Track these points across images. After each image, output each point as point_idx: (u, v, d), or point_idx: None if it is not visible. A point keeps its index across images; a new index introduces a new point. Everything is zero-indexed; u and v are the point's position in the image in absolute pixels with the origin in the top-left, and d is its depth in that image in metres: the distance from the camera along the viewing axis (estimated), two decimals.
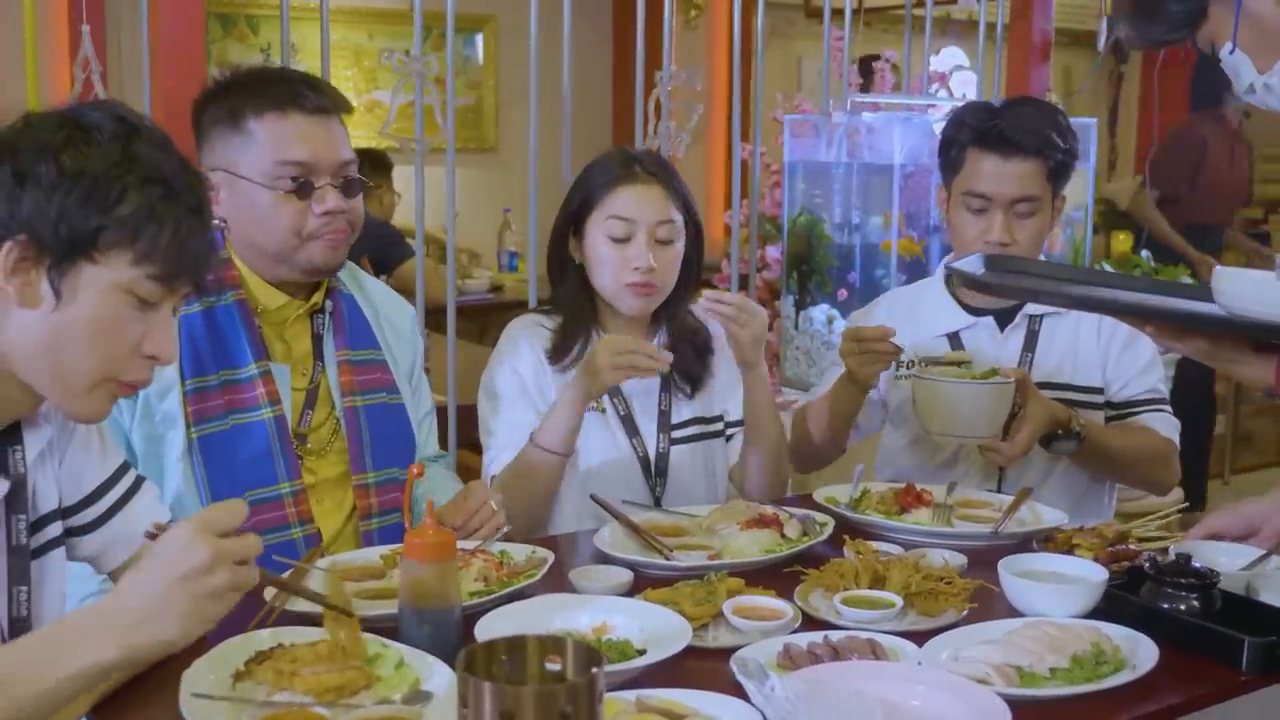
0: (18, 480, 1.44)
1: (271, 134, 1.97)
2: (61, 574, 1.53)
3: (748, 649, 1.57)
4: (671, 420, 2.35)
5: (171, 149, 1.41)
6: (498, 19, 6.66)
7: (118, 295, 1.36)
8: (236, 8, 6.04)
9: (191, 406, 1.95)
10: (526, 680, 1.17)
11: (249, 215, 1.99)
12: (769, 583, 1.83)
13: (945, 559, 1.93)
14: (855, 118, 3.47)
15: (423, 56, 2.87)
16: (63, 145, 1.34)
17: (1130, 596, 1.73)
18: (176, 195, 1.37)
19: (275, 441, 1.99)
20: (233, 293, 2.02)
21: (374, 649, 1.53)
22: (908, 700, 1.44)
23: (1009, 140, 2.37)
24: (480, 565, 1.82)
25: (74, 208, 1.32)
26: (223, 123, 1.99)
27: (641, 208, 2.26)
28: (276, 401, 2.00)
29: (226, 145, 1.99)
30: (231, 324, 2.00)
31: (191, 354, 1.97)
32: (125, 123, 1.38)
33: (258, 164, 1.97)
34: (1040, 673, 1.52)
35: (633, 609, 1.70)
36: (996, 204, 2.39)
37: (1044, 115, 2.44)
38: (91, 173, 1.33)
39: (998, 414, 2.25)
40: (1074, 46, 7.12)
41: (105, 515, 1.60)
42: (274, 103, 1.97)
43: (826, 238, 3.49)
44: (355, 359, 2.11)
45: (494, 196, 6.35)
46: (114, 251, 1.34)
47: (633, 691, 1.44)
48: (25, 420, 1.46)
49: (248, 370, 2.00)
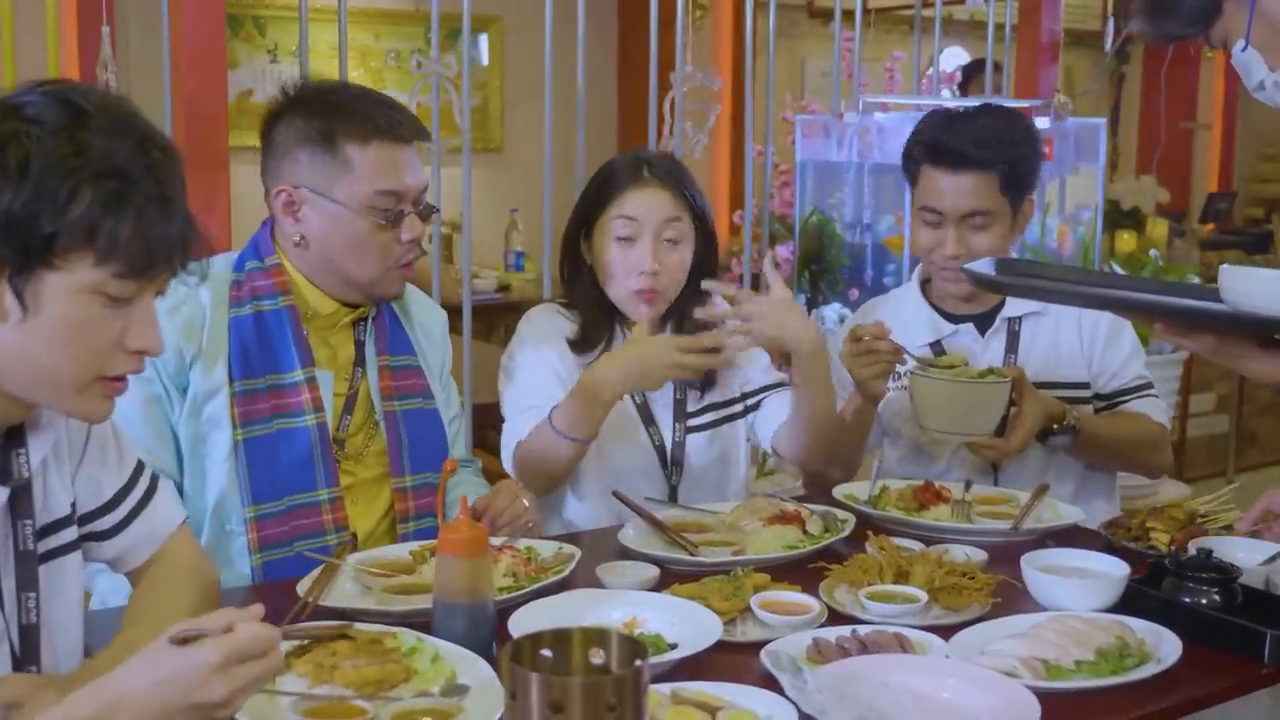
0: (21, 485, 1.39)
1: (371, 163, 1.97)
2: (77, 579, 1.50)
3: (777, 643, 1.59)
4: (687, 409, 2.37)
5: (127, 129, 1.30)
6: (503, 20, 6.68)
7: (86, 298, 1.28)
8: (244, 8, 6.05)
9: (239, 409, 1.96)
10: (572, 672, 1.19)
11: (338, 240, 1.99)
12: (793, 578, 1.85)
13: (967, 554, 1.95)
14: (867, 118, 3.49)
15: (440, 58, 2.88)
16: (5, 141, 1.24)
17: (1152, 591, 1.76)
18: (134, 184, 1.27)
19: (317, 448, 2.00)
20: (283, 297, 2.02)
21: (410, 643, 1.55)
22: (938, 693, 1.47)
23: (958, 154, 2.37)
24: (508, 561, 1.84)
25: (22, 215, 1.23)
26: (315, 144, 1.97)
27: (647, 209, 2.28)
28: (320, 408, 2.01)
29: (318, 167, 1.98)
30: (280, 329, 2.01)
31: (241, 356, 1.98)
32: (71, 107, 1.27)
33: (356, 192, 1.97)
34: (1066, 666, 1.55)
35: (662, 604, 1.72)
36: (948, 218, 2.40)
37: (1002, 125, 2.43)
38: (37, 173, 1.23)
39: (995, 411, 2.27)
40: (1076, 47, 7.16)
41: (125, 520, 1.59)
42: (374, 131, 1.97)
43: (838, 237, 3.51)
44: (394, 364, 2.12)
45: (500, 196, 6.37)
46: (73, 255, 1.25)
47: (667, 685, 1.46)
48: (29, 423, 1.41)
49: (294, 376, 2.00)
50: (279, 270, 2.04)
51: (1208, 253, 6.59)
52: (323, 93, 2.04)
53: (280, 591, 1.77)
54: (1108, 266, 4.36)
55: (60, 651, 1.45)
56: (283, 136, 2.01)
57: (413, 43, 6.59)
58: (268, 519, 1.96)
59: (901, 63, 4.07)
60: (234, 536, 1.97)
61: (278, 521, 1.97)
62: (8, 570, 1.38)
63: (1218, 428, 6.01)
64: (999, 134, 2.40)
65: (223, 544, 1.97)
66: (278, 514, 1.97)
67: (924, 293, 2.57)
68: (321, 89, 2.06)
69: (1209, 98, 8.93)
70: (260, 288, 2.02)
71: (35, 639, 1.40)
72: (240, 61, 6.10)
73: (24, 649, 1.39)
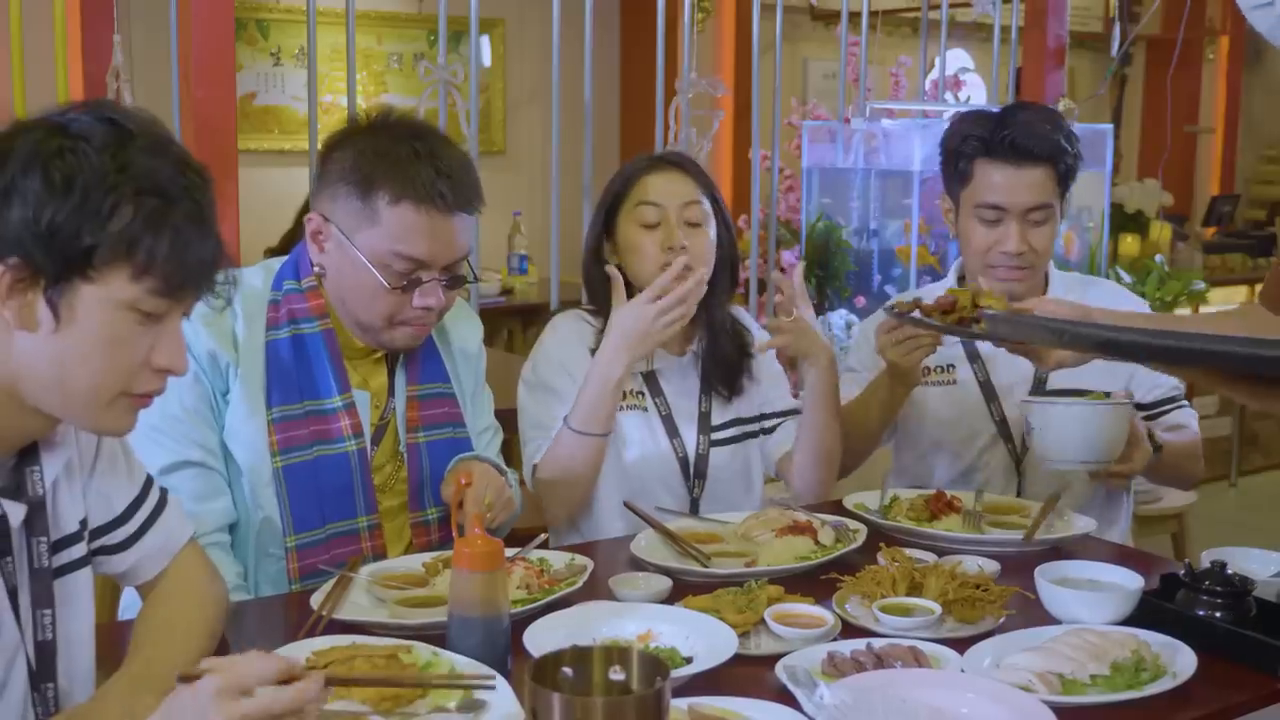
0: (36, 502, 1.40)
1: (397, 224, 1.91)
2: (88, 593, 1.50)
3: (792, 656, 1.59)
4: (711, 422, 2.37)
5: (168, 150, 1.32)
6: (506, 23, 6.69)
7: (120, 312, 1.30)
8: (247, 11, 6.05)
9: (277, 435, 1.93)
10: (592, 690, 1.19)
11: (349, 283, 1.96)
12: (805, 589, 1.85)
13: (980, 566, 1.95)
14: (874, 124, 3.49)
15: (448, 66, 2.88)
16: (51, 157, 1.26)
17: (1166, 604, 1.75)
18: (173, 204, 1.29)
19: (356, 474, 1.98)
20: (320, 321, 1.99)
21: (425, 657, 1.55)
22: (956, 708, 1.46)
23: (1020, 149, 2.37)
24: (521, 573, 1.84)
25: (64, 226, 1.25)
26: (351, 184, 1.93)
27: (667, 191, 2.29)
28: (359, 434, 1.99)
29: (348, 209, 1.94)
30: (319, 353, 1.98)
31: (280, 380, 1.95)
32: (117, 127, 1.30)
33: (374, 246, 1.92)
34: (1081, 680, 1.54)
35: (676, 617, 1.72)
36: (1011, 214, 2.38)
37: (1048, 120, 2.43)
38: (81, 187, 1.25)
39: (1124, 435, 2.16)
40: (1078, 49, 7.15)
41: (137, 533, 1.59)
42: (411, 194, 1.90)
43: (845, 243, 3.51)
44: (422, 394, 2.08)
45: (503, 199, 6.36)
46: (110, 269, 1.27)
47: (684, 700, 1.45)
48: (43, 442, 1.42)
49: (333, 401, 1.98)
50: (316, 293, 2.01)
51: (1211, 256, 6.60)
52: (387, 136, 1.95)
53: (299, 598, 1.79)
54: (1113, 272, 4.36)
55: (73, 667, 1.44)
56: (333, 165, 1.96)
57: (415, 46, 6.60)
58: (308, 548, 1.94)
59: (907, 68, 4.06)
60: (274, 560, 1.96)
61: (319, 550, 1.95)
62: (24, 587, 1.38)
63: (1220, 430, 6.02)
64: (1051, 129, 2.39)
65: (264, 565, 1.97)
66: (318, 542, 1.95)
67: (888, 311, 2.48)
68: (391, 131, 1.97)
69: (1211, 100, 8.94)
70: (298, 311, 1.99)
71: (52, 655, 1.40)
72: (243, 64, 6.10)
73: (40, 666, 1.39)
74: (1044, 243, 2.42)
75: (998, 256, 2.41)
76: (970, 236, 2.45)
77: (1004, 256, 2.40)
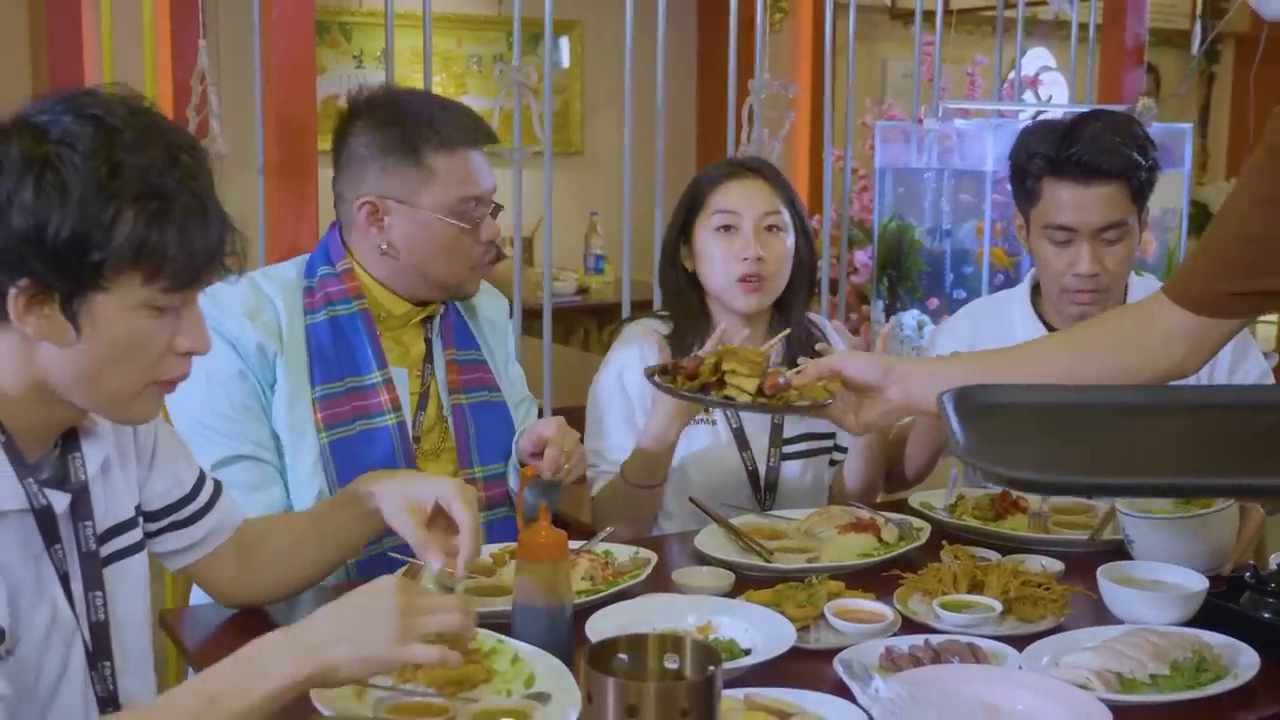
0: (79, 489, 1.44)
1: (456, 171, 2.04)
2: (143, 577, 1.56)
3: (850, 650, 1.61)
4: (784, 435, 2.38)
5: (155, 139, 1.31)
6: (584, 24, 6.74)
7: (138, 313, 1.32)
8: (330, 15, 6.17)
9: (321, 413, 2.02)
10: (646, 676, 1.22)
11: (426, 245, 2.05)
12: (867, 586, 1.86)
13: (1043, 565, 1.95)
14: (946, 123, 3.48)
15: (522, 67, 2.93)
16: (41, 167, 1.26)
17: (1231, 605, 1.74)
18: (172, 200, 1.30)
19: (399, 446, 2.05)
20: (356, 301, 2.08)
21: (490, 644, 1.59)
22: (1011, 704, 1.47)
23: (1087, 166, 2.26)
24: (586, 565, 1.88)
25: (69, 243, 1.25)
26: (397, 154, 2.02)
27: (746, 201, 2.30)
28: (398, 408, 2.07)
29: (402, 178, 2.03)
30: (356, 332, 2.07)
31: (320, 361, 2.04)
32: (99, 124, 1.28)
33: (442, 199, 2.03)
34: (1141, 679, 1.54)
35: (737, 610, 1.74)
36: (1081, 234, 2.29)
37: (1119, 131, 2.30)
38: (78, 200, 1.25)
39: (1229, 539, 1.96)
40: (1161, 46, 7.04)
41: (209, 503, 1.68)
42: (457, 140, 2.04)
43: (917, 244, 3.50)
44: (460, 359, 2.17)
45: (580, 199, 6.42)
46: (121, 277, 1.29)
47: (740, 690, 1.48)
48: (82, 431, 1.46)
49: (372, 377, 2.06)
50: (350, 275, 2.09)
51: None
52: (395, 101, 2.08)
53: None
54: None
55: (130, 648, 1.51)
56: (359, 148, 2.06)
57: (494, 48, 6.68)
58: None
59: (983, 67, 4.04)
60: None
61: None
62: (75, 572, 1.44)
63: None
64: (1121, 140, 2.27)
65: None
66: None
67: (1034, 302, 2.47)
68: (391, 97, 2.11)
69: None
70: (334, 293, 2.08)
71: (106, 636, 1.46)
72: (326, 67, 6.22)
73: (96, 645, 1.45)
74: (1119, 263, 2.31)
75: (1071, 280, 2.32)
76: (1042, 257, 2.37)
77: (1077, 279, 2.31)
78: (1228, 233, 1.77)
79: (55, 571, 1.41)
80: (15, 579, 1.36)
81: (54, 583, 1.41)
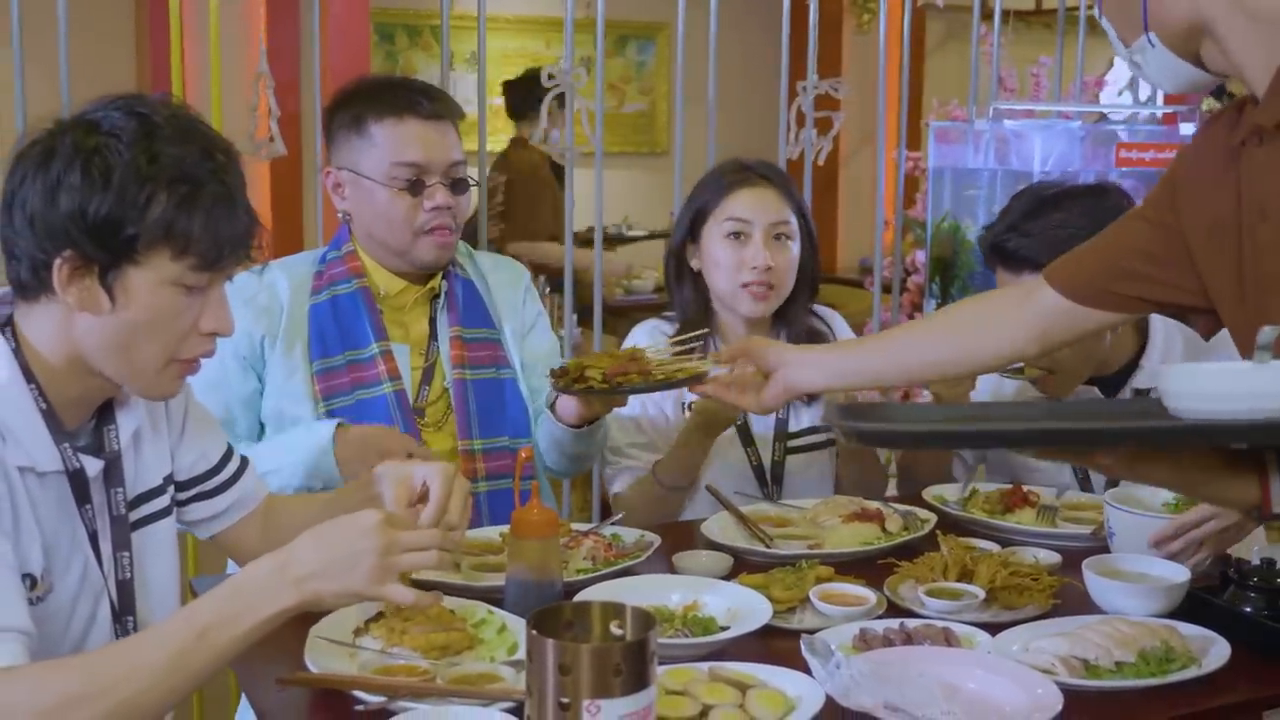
0: (112, 457, 1.57)
1: (390, 137, 2.18)
2: (170, 541, 1.69)
3: (825, 631, 1.67)
4: (789, 430, 2.44)
5: (193, 137, 1.46)
6: (671, 26, 6.82)
7: (167, 289, 1.45)
8: (421, 19, 6.35)
9: (319, 385, 2.16)
10: (590, 641, 1.30)
11: (369, 210, 2.21)
12: (864, 573, 1.92)
13: (1037, 556, 1.99)
14: (996, 124, 3.49)
15: (571, 69, 3.02)
16: (90, 154, 1.41)
17: (1213, 599, 1.77)
18: (202, 187, 1.43)
19: (396, 413, 2.17)
20: (356, 280, 2.23)
21: (480, 614, 1.69)
22: (965, 683, 1.52)
23: (1025, 260, 2.24)
24: (590, 546, 1.97)
25: (108, 219, 1.40)
26: (347, 127, 2.21)
27: (757, 209, 2.37)
28: (396, 377, 2.20)
29: (351, 148, 2.21)
30: (355, 309, 2.21)
31: (319, 338, 2.19)
32: (144, 120, 1.44)
33: (378, 165, 2.19)
34: (1106, 666, 1.58)
35: (723, 590, 1.81)
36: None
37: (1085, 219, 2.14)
38: (119, 183, 1.40)
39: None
40: None
41: (235, 475, 1.79)
42: (393, 109, 2.19)
43: (968, 244, 3.52)
44: (467, 336, 2.28)
45: (665, 198, 6.48)
46: (153, 252, 1.42)
47: (706, 664, 1.56)
48: (117, 403, 1.59)
49: (369, 350, 2.20)
50: (353, 256, 2.26)
51: None
52: (362, 85, 2.27)
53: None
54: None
55: (156, 608, 1.64)
56: (333, 127, 2.25)
57: (583, 49, 6.78)
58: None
59: (1047, 68, 4.03)
60: None
61: None
62: (105, 534, 1.57)
63: None
64: (1076, 235, 2.00)
65: None
66: None
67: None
68: (363, 82, 2.29)
69: None
70: (337, 274, 2.24)
71: (130, 593, 1.59)
72: (419, 69, 6.39)
73: (121, 601, 1.58)
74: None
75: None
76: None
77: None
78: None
79: (85, 530, 1.55)
80: (52, 533, 1.50)
81: (85, 541, 1.55)
